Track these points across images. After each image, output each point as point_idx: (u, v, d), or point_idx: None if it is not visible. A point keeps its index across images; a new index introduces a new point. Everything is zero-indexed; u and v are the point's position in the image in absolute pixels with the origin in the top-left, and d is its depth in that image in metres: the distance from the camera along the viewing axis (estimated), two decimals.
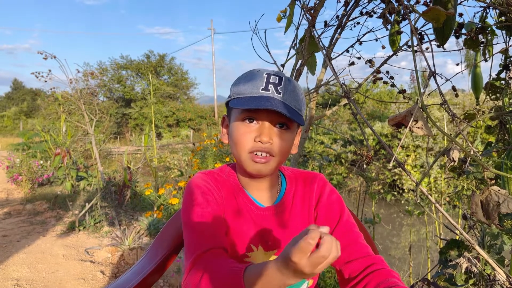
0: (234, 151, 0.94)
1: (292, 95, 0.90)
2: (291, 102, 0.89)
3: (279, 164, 0.94)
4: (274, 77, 0.89)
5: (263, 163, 0.90)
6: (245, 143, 0.90)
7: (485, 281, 1.38)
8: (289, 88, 0.90)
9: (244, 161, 0.91)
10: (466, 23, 1.38)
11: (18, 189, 7.18)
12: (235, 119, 0.92)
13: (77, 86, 5.55)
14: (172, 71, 31.15)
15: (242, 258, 0.97)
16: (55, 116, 11.42)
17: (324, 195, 1.02)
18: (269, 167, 0.91)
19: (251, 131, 0.89)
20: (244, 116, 0.90)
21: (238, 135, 0.91)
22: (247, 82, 0.91)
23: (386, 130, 10.14)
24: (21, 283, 3.04)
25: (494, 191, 1.04)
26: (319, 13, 1.53)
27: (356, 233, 0.97)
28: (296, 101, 0.90)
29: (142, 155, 9.32)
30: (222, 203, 0.97)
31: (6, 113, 35.67)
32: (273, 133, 0.89)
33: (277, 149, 0.90)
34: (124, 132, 26.97)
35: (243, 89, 0.90)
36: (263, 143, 0.88)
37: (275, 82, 0.89)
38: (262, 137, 0.87)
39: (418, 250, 4.87)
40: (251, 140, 0.89)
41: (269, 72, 0.91)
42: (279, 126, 0.90)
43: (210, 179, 1.01)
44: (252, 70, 0.94)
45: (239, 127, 0.91)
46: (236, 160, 0.98)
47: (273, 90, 0.88)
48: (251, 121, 0.90)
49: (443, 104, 1.03)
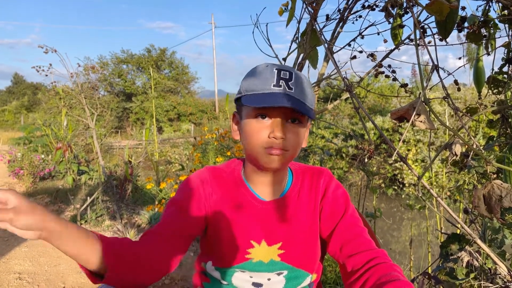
0: (248, 148, 0.93)
1: (302, 90, 0.90)
2: (302, 97, 0.89)
3: (291, 159, 0.94)
4: (285, 73, 0.89)
5: (277, 156, 0.89)
6: (260, 140, 0.89)
7: (486, 275, 1.38)
8: (299, 83, 0.90)
9: (260, 156, 0.91)
10: (468, 16, 1.37)
11: (20, 183, 7.19)
12: (247, 116, 0.92)
13: (78, 80, 5.53)
14: (173, 65, 31.09)
15: (243, 252, 0.97)
16: (56, 110, 11.42)
17: (330, 190, 1.02)
18: (282, 160, 0.91)
19: (264, 127, 0.89)
20: (257, 113, 0.89)
21: (251, 132, 0.90)
22: (258, 78, 0.90)
23: (387, 124, 10.12)
24: (23, 276, 3.05)
25: (497, 185, 1.04)
26: (321, 6, 1.52)
27: (360, 228, 0.97)
28: (307, 95, 0.90)
29: (143, 149, 9.32)
30: (207, 202, 0.99)
31: (7, 107, 35.68)
32: (286, 129, 0.89)
33: (290, 144, 0.90)
34: (125, 126, 26.98)
35: (253, 86, 0.89)
36: (277, 138, 0.87)
37: (286, 78, 0.88)
38: (276, 133, 0.87)
39: (419, 244, 4.88)
40: (265, 136, 0.88)
41: (279, 67, 0.90)
42: (292, 121, 0.90)
43: (208, 176, 1.02)
44: (260, 65, 0.93)
45: (252, 124, 0.90)
46: (248, 155, 0.97)
47: (285, 86, 0.87)
48: (263, 117, 0.89)
49: (445, 97, 1.03)
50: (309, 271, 1.02)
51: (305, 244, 0.99)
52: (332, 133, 11.26)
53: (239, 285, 0.99)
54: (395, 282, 0.76)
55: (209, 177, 1.02)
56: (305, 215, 1.00)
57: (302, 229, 0.99)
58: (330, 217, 0.99)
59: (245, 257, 0.97)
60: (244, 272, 0.98)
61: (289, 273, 0.99)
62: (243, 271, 0.98)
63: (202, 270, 1.06)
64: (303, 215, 1.00)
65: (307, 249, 1.00)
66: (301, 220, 1.00)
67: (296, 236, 0.99)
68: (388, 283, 0.77)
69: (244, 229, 0.97)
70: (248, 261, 0.97)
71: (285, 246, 0.98)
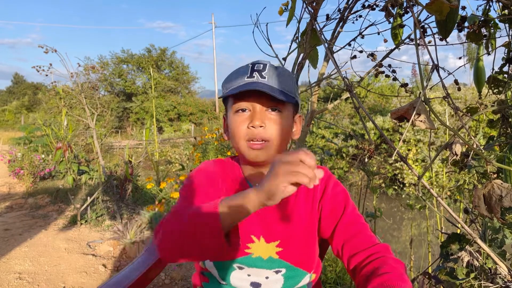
0: (233, 143, 0.96)
1: (278, 78, 0.93)
2: (276, 84, 0.92)
3: (278, 150, 0.94)
4: (259, 65, 0.93)
5: (259, 149, 0.91)
6: (240, 132, 0.92)
7: (486, 275, 1.38)
8: (274, 73, 0.93)
9: (243, 150, 0.94)
10: (469, 16, 1.37)
11: (20, 183, 7.20)
12: (230, 113, 0.96)
13: (78, 80, 5.54)
14: (173, 65, 31.12)
15: (244, 246, 0.97)
16: (56, 110, 11.44)
17: (329, 188, 1.02)
18: (266, 152, 0.92)
19: (244, 120, 0.92)
20: (236, 108, 0.93)
21: (233, 126, 0.94)
22: (234, 75, 0.95)
23: (387, 124, 10.13)
24: (23, 276, 3.05)
25: (497, 185, 1.04)
26: (321, 6, 1.53)
27: (361, 224, 0.97)
28: (283, 83, 0.93)
29: (144, 149, 9.33)
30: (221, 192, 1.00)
31: (7, 107, 35.73)
32: (265, 117, 0.91)
33: (271, 133, 0.91)
34: (125, 126, 26.99)
35: (230, 83, 0.94)
36: (256, 127, 0.89)
37: (259, 69, 0.92)
38: (254, 121, 0.89)
39: (419, 244, 4.89)
40: (245, 128, 0.91)
41: (254, 62, 0.95)
42: (271, 110, 0.92)
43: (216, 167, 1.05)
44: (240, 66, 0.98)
45: (233, 119, 0.94)
46: (237, 152, 1.00)
47: (258, 76, 0.91)
48: (243, 110, 0.92)
49: (446, 97, 1.03)
50: (308, 270, 1.01)
51: (303, 242, 0.99)
52: (332, 133, 11.27)
53: (238, 285, 0.99)
54: (383, 276, 0.77)
55: (219, 169, 1.05)
56: (303, 214, 1.00)
57: (300, 227, 0.99)
58: (330, 215, 0.99)
59: (245, 251, 0.97)
60: (243, 269, 0.98)
61: (288, 272, 0.99)
62: (241, 268, 0.98)
63: (202, 270, 1.06)
64: (301, 214, 1.00)
65: (305, 247, 1.00)
66: (299, 218, 1.00)
67: (294, 234, 0.99)
68: (376, 276, 0.77)
69: (244, 223, 0.97)
70: (248, 256, 0.97)
71: (283, 244, 0.98)
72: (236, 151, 0.99)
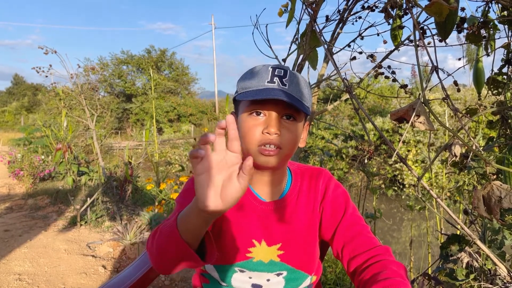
0: (243, 145, 0.93)
1: (297, 87, 0.90)
2: (296, 93, 0.89)
3: (287, 157, 0.93)
4: (279, 70, 0.90)
5: (271, 156, 0.89)
6: (254, 136, 0.89)
7: (486, 276, 1.38)
8: (294, 80, 0.90)
9: (253, 154, 0.90)
10: (468, 17, 1.37)
11: (20, 184, 7.19)
12: (242, 113, 0.92)
13: (78, 81, 5.53)
14: (173, 66, 31.13)
15: (244, 252, 0.97)
16: (56, 111, 11.42)
17: (330, 190, 1.02)
18: (277, 159, 0.90)
19: (258, 124, 0.89)
20: (251, 110, 0.90)
21: (246, 128, 0.90)
22: (253, 76, 0.91)
23: (387, 125, 10.13)
24: (23, 277, 3.05)
25: (496, 186, 1.04)
26: (320, 7, 1.53)
27: (361, 226, 0.97)
28: (302, 92, 0.91)
29: (143, 150, 9.32)
30: None
31: (7, 108, 35.71)
32: (281, 125, 0.89)
33: (285, 141, 0.89)
34: (125, 127, 27.00)
35: (249, 83, 0.90)
36: (271, 134, 0.87)
37: (280, 75, 0.89)
38: (270, 128, 0.87)
39: (419, 245, 4.89)
40: (259, 132, 0.88)
41: (274, 66, 0.91)
42: (286, 117, 0.90)
43: None
44: (258, 65, 0.94)
45: (246, 121, 0.90)
46: (244, 153, 0.97)
47: (279, 82, 0.88)
48: (258, 114, 0.89)
49: (445, 98, 1.03)
50: (309, 273, 1.02)
51: (305, 245, 0.99)
52: (332, 134, 11.27)
53: (239, 287, 0.99)
54: (385, 281, 0.76)
55: None
56: (304, 217, 1.00)
57: (301, 230, 0.99)
58: (331, 217, 0.99)
59: (246, 256, 0.97)
60: (244, 272, 0.98)
61: (289, 274, 0.99)
62: (242, 271, 0.98)
63: (202, 271, 1.06)
64: (302, 217, 1.00)
65: (307, 250, 1.00)
66: (300, 221, 0.99)
67: (295, 237, 0.99)
68: (377, 282, 0.77)
69: (245, 227, 0.97)
70: (249, 260, 0.97)
71: (284, 247, 0.98)
72: (243, 152, 0.96)
